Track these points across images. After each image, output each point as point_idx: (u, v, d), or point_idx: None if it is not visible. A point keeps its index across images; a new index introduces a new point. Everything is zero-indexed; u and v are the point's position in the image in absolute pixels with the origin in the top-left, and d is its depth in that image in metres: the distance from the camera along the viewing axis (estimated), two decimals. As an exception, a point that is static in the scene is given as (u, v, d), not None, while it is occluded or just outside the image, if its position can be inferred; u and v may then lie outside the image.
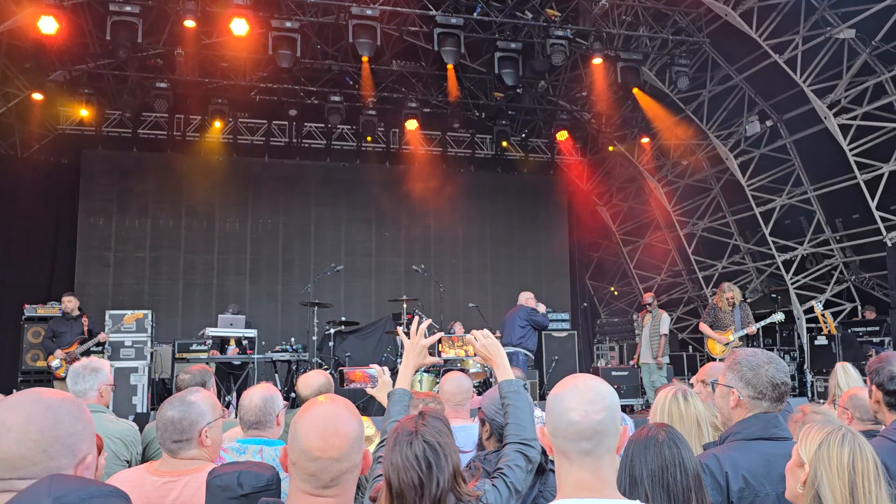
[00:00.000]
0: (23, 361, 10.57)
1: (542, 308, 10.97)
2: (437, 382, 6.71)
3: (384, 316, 12.91)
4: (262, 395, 3.41)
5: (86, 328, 9.97)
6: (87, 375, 4.07)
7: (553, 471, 2.88)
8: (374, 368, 3.22)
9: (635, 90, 12.69)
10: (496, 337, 2.96)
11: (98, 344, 9.87)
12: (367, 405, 8.09)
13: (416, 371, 2.89)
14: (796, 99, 11.99)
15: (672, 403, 3.26)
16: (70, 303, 10.00)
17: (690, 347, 15.76)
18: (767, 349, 12.96)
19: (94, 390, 4.06)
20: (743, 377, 2.81)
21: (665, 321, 11.34)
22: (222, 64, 12.95)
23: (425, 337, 2.92)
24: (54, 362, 9.61)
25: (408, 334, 2.94)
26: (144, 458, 4.48)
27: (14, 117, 13.32)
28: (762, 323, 9.76)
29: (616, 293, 17.44)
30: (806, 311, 13.04)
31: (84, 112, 13.14)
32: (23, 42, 11.71)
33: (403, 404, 2.70)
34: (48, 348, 9.81)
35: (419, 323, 2.93)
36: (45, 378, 10.18)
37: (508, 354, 10.13)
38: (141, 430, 5.00)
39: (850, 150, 11.26)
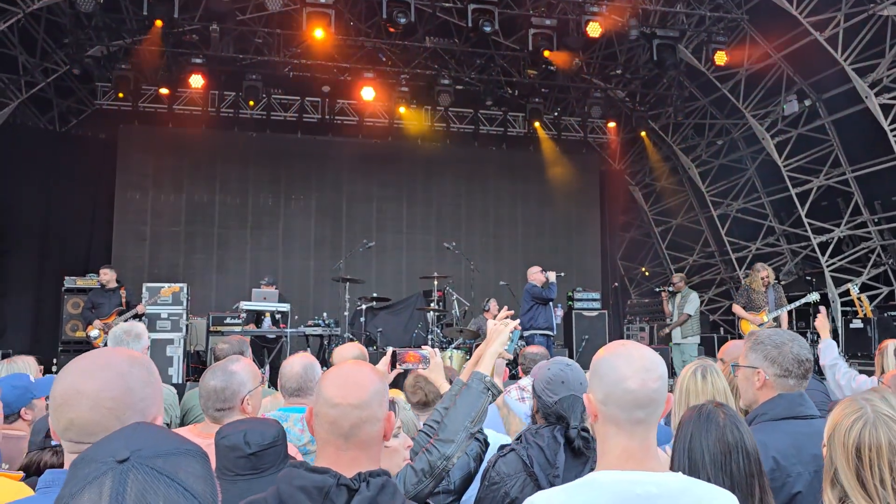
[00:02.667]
0: (63, 332, 10.80)
1: (552, 276, 10.69)
2: (468, 359, 6.75)
3: (415, 293, 12.98)
4: (302, 363, 3.48)
5: (124, 300, 10.16)
6: (129, 341, 4.18)
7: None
8: (427, 349, 3.22)
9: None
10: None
11: (136, 315, 10.05)
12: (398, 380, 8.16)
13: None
14: (836, 78, 11.74)
15: (690, 380, 3.24)
16: (106, 275, 10.17)
17: (722, 329, 15.64)
18: (800, 332, 12.89)
19: None
20: (768, 356, 2.78)
21: (692, 301, 11.25)
22: (256, 40, 13.01)
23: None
24: (93, 332, 9.81)
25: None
26: (183, 424, 4.60)
27: (53, 92, 13.54)
28: (798, 303, 9.63)
29: (647, 274, 17.33)
30: (841, 295, 12.86)
31: (121, 90, 13.30)
32: (61, 18, 11.89)
33: (481, 398, 2.52)
34: (87, 319, 10.01)
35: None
36: (85, 348, 10.39)
37: (526, 339, 10.02)
38: (178, 399, 5.14)
39: (892, 130, 11.03)
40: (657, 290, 11.62)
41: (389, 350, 3.13)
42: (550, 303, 10.68)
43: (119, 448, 1.00)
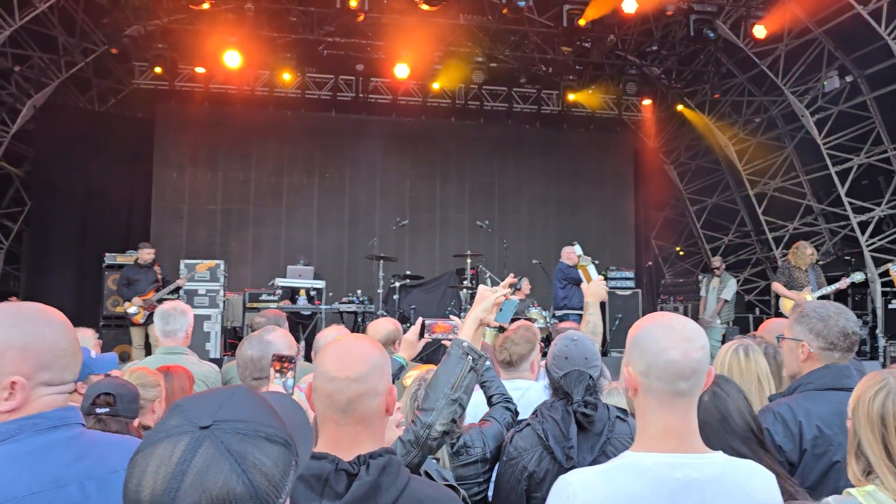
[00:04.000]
0: (104, 307, 11.04)
1: (576, 249, 10.73)
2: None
3: (448, 271, 13.03)
4: (335, 334, 3.55)
5: (159, 276, 10.34)
6: (177, 317, 4.27)
7: (621, 418, 2.92)
8: (455, 320, 3.26)
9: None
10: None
11: (175, 289, 10.22)
12: (432, 356, 8.22)
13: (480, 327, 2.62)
14: (879, 53, 11.45)
15: (732, 358, 3.20)
16: (148, 254, 10.31)
17: (757, 309, 15.48)
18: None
19: (183, 331, 4.27)
20: (813, 329, 2.78)
21: (731, 287, 11.16)
22: (291, 19, 13.05)
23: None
24: (131, 309, 10.00)
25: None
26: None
27: (91, 72, 13.74)
28: (843, 283, 9.42)
29: (682, 253, 17.17)
30: (881, 275, 12.63)
31: (158, 67, 13.47)
32: (100, -3, 12.06)
33: (459, 364, 2.38)
34: (123, 295, 10.17)
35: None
36: (126, 323, 10.64)
37: (559, 318, 10.06)
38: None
39: (937, 106, 10.77)
40: (713, 269, 11.45)
41: (419, 320, 3.17)
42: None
43: (206, 412, 1.03)
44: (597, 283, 3.99)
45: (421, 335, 3.16)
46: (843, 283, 9.39)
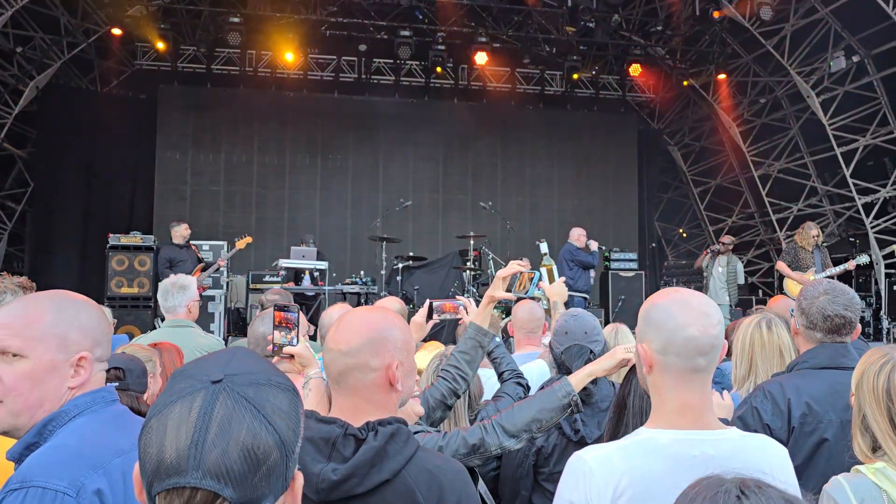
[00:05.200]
0: (108, 288, 11.05)
1: (593, 246, 10.75)
2: (503, 318, 6.75)
3: (451, 252, 13.02)
4: (340, 312, 3.55)
5: (199, 255, 10.33)
6: (175, 293, 4.28)
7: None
8: (462, 299, 3.27)
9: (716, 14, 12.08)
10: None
11: (216, 270, 10.19)
12: (437, 335, 8.23)
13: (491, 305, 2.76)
14: (886, 33, 11.38)
15: (755, 331, 3.20)
16: (186, 230, 10.20)
17: (760, 291, 15.48)
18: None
19: (183, 306, 4.28)
20: (800, 306, 2.82)
21: (740, 270, 11.14)
22: (293, -2, 12.99)
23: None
24: None
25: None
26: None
27: (94, 53, 13.70)
28: (848, 264, 9.39)
29: (685, 235, 17.15)
30: (885, 257, 12.61)
31: (160, 47, 13.43)
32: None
33: (557, 412, 2.38)
34: (166, 276, 9.95)
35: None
36: (131, 304, 10.67)
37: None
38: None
39: (943, 87, 10.70)
40: (720, 246, 11.43)
41: (427, 302, 3.18)
42: (591, 269, 10.72)
43: (215, 369, 1.03)
44: (559, 283, 4.04)
45: (429, 317, 3.17)
46: (849, 265, 9.36)
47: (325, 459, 1.67)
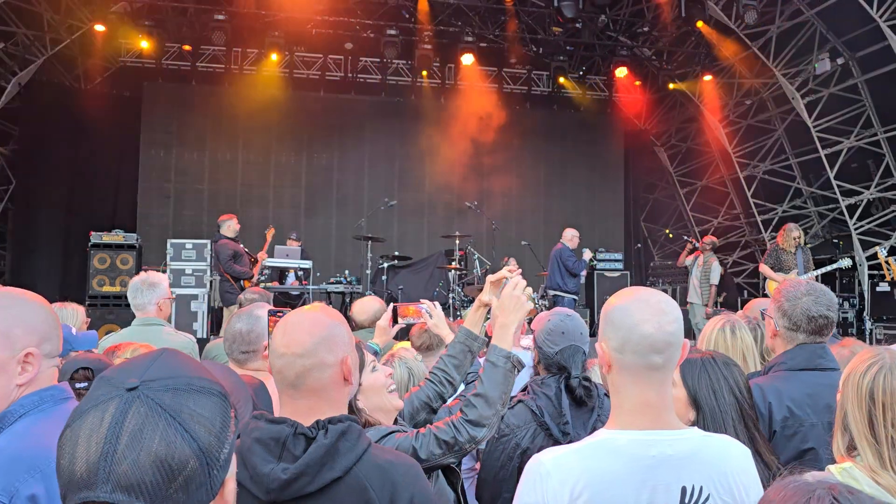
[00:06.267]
0: (90, 286, 10.94)
1: (587, 255, 10.86)
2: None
3: (437, 251, 13.00)
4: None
5: (243, 249, 10.29)
6: (145, 290, 4.21)
7: (608, 395, 2.91)
8: (425, 303, 3.22)
9: (700, 24, 12.21)
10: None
11: (262, 267, 10.12)
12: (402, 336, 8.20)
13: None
14: (871, 35, 11.42)
15: (719, 335, 3.19)
16: (237, 224, 10.09)
17: (746, 292, 15.54)
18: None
19: (153, 304, 4.20)
20: (780, 308, 2.79)
21: (716, 271, 11.21)
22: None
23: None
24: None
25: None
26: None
27: (77, 49, 13.56)
28: (829, 267, 9.49)
29: (671, 236, 17.18)
30: (868, 258, 12.68)
31: (144, 44, 13.33)
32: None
33: (509, 378, 2.33)
34: (235, 273, 9.78)
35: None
36: (113, 303, 10.59)
37: (554, 297, 10.11)
38: (201, 350, 5.20)
39: (926, 89, 10.76)
40: (686, 238, 11.49)
41: (390, 306, 3.15)
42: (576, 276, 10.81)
43: (133, 374, 0.99)
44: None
45: (394, 322, 3.14)
46: (830, 268, 9.44)
47: (276, 459, 1.66)
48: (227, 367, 1.27)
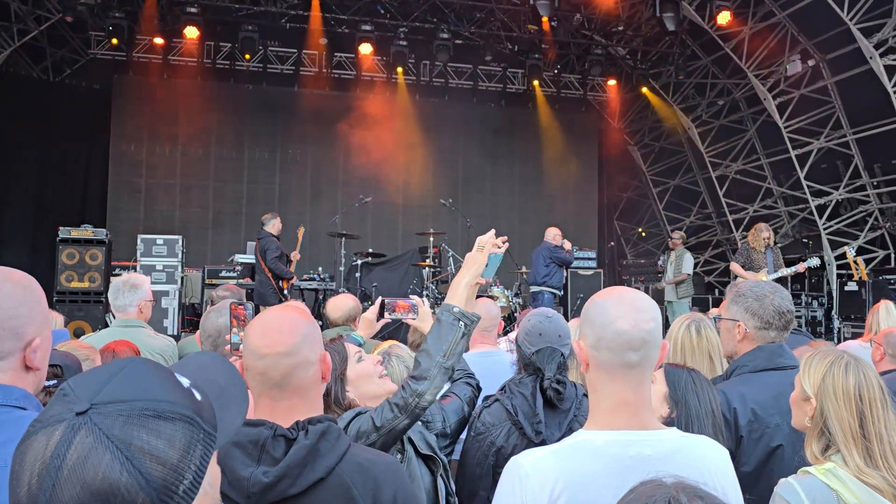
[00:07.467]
0: (58, 282, 10.75)
1: (567, 245, 10.92)
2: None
3: (411, 249, 12.94)
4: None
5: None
6: (126, 291, 4.14)
7: (587, 396, 2.90)
8: (415, 299, 3.20)
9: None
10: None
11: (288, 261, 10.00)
12: (393, 334, 8.15)
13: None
14: (841, 38, 11.58)
15: (685, 335, 3.20)
16: (280, 222, 9.80)
17: (717, 290, 15.69)
18: (795, 294, 12.79)
19: (134, 306, 4.14)
20: (748, 308, 2.78)
21: (688, 261, 11.30)
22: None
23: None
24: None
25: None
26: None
27: (46, 41, 13.32)
28: (805, 265, 9.54)
29: (644, 234, 17.33)
30: (837, 258, 12.87)
31: (115, 37, 13.09)
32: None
33: (452, 330, 2.25)
34: (281, 270, 9.66)
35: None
36: (81, 299, 10.41)
37: (533, 294, 10.21)
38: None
39: (895, 91, 10.92)
40: (659, 254, 11.63)
41: (378, 300, 3.11)
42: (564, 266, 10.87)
43: (88, 394, 0.91)
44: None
45: (381, 315, 3.10)
46: (800, 267, 9.52)
47: (255, 463, 1.63)
48: (220, 356, 1.19)
